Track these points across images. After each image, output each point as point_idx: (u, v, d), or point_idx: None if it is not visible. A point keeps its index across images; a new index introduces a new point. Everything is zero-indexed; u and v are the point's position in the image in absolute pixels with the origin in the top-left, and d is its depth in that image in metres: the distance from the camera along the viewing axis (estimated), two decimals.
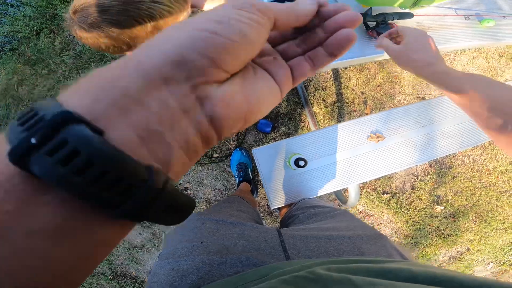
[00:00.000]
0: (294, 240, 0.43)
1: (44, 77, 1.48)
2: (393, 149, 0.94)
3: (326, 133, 0.92)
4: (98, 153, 0.10)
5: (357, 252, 0.41)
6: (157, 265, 0.41)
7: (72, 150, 0.10)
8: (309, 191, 0.88)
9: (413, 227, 1.47)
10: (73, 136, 0.10)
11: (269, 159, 0.90)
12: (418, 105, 0.96)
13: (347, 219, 0.55)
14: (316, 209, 0.68)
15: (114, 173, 0.10)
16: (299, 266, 0.29)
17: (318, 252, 0.40)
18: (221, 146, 1.45)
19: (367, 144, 0.94)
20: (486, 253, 1.50)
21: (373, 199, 1.43)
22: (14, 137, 0.10)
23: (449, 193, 1.44)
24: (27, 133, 0.10)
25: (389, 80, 1.38)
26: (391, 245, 0.43)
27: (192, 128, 0.14)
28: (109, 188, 0.11)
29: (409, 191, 1.42)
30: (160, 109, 0.12)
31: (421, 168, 1.42)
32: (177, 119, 0.13)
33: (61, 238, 0.11)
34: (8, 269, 0.10)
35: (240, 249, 0.40)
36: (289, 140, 0.90)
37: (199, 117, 0.14)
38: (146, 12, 0.48)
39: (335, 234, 0.44)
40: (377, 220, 1.47)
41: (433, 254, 1.49)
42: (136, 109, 0.12)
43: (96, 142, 0.10)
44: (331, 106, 1.38)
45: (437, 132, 0.95)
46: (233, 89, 0.15)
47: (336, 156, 0.92)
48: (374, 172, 0.92)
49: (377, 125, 0.95)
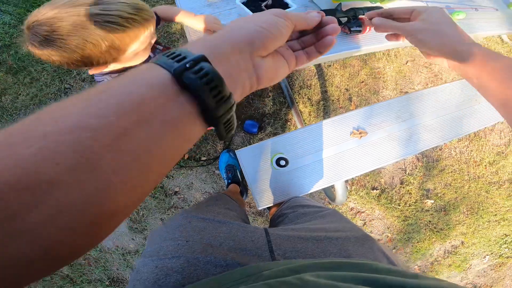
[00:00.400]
0: (281, 240, 0.44)
1: (27, 85, 1.46)
2: (376, 145, 0.94)
3: (309, 131, 0.92)
4: (216, 76, 0.19)
5: (344, 254, 0.41)
6: (140, 263, 0.40)
7: (205, 72, 0.18)
8: (296, 190, 0.88)
9: (405, 222, 1.47)
10: (205, 66, 0.19)
11: (254, 159, 0.90)
12: (399, 99, 0.96)
13: (336, 219, 0.56)
14: (306, 209, 0.68)
15: (219, 87, 0.19)
16: (286, 267, 0.31)
17: (304, 253, 0.41)
18: (209, 149, 1.44)
19: (350, 141, 0.94)
20: (481, 246, 1.49)
21: (363, 196, 1.42)
22: (170, 64, 0.19)
23: (438, 187, 1.44)
24: (182, 62, 0.18)
25: (372, 76, 1.38)
26: (378, 248, 0.44)
27: (247, 79, 0.23)
28: (215, 95, 0.19)
29: (398, 185, 1.42)
30: (236, 64, 0.22)
31: (408, 162, 1.42)
32: (242, 72, 0.23)
33: (177, 126, 0.18)
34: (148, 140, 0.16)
35: (226, 249, 0.41)
36: (273, 139, 0.90)
37: (252, 74, 0.24)
38: (97, 33, 0.47)
39: (323, 235, 0.45)
40: (369, 216, 1.47)
41: (428, 248, 1.48)
42: (225, 62, 0.21)
43: (215, 71, 0.19)
44: (316, 104, 1.38)
45: (419, 126, 0.95)
46: (269, 62, 0.25)
47: (321, 154, 0.92)
48: (359, 168, 0.91)
49: (359, 121, 0.95)
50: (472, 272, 1.49)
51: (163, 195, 1.42)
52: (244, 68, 0.23)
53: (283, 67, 0.27)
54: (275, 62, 0.26)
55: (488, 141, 1.49)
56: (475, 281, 1.49)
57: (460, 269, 1.47)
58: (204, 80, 0.18)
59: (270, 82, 0.26)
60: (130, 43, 0.52)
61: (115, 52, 0.52)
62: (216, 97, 0.19)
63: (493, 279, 1.49)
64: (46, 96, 1.46)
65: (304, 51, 0.30)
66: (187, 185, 1.44)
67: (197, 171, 1.43)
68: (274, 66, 0.26)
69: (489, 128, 1.49)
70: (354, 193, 1.43)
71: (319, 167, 0.92)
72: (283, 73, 0.27)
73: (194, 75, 0.18)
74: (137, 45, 0.54)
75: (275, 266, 0.32)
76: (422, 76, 1.47)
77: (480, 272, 1.50)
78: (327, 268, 0.31)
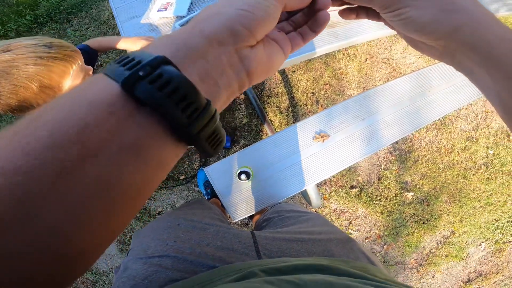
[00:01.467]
0: (267, 241, 0.45)
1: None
2: (339, 146, 0.95)
3: (274, 141, 0.93)
4: (182, 83, 0.15)
5: (327, 254, 0.43)
6: (127, 261, 0.40)
7: (166, 80, 0.14)
8: (269, 198, 0.88)
9: (390, 217, 1.47)
10: (166, 72, 0.14)
11: (224, 174, 0.90)
12: (355, 99, 0.98)
13: (320, 223, 0.57)
14: (290, 213, 0.70)
15: (190, 98, 0.15)
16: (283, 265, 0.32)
17: (289, 254, 0.42)
18: (186, 168, 1.44)
19: (314, 145, 0.95)
20: (472, 233, 1.48)
21: (343, 196, 1.43)
22: (120, 73, 0.14)
23: (415, 178, 1.45)
24: (134, 69, 0.14)
25: (336, 77, 1.42)
26: (359, 249, 0.46)
27: (234, 76, 0.19)
28: (185, 109, 0.15)
29: (376, 181, 1.43)
30: (215, 62, 0.17)
31: (382, 157, 1.44)
32: (225, 70, 0.18)
33: (139, 153, 0.14)
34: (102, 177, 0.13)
35: (214, 248, 0.41)
36: (239, 153, 0.91)
37: (240, 69, 0.19)
38: (21, 75, 0.48)
39: (307, 237, 0.46)
40: (353, 215, 1.47)
41: (419, 241, 1.47)
42: (200, 61, 0.17)
43: (181, 77, 0.15)
44: (285, 111, 1.40)
45: (379, 122, 0.96)
46: (260, 51, 0.20)
47: (287, 161, 0.93)
48: (327, 171, 0.92)
49: (321, 125, 0.97)
50: (472, 260, 1.47)
51: (147, 216, 1.41)
52: (228, 64, 0.18)
53: (278, 55, 0.23)
54: (268, 50, 0.22)
55: (455, 127, 1.52)
56: (478, 269, 1.46)
57: (458, 259, 1.45)
58: (166, 90, 0.14)
59: (265, 75, 0.22)
60: (61, 80, 0.53)
61: (50, 91, 0.53)
62: (186, 111, 0.15)
63: (496, 265, 1.47)
64: None
65: (297, 32, 0.25)
66: (169, 205, 1.43)
67: (178, 190, 1.43)
68: (267, 56, 0.21)
69: (454, 115, 1.52)
70: (334, 194, 1.43)
71: (287, 174, 0.92)
72: (279, 62, 0.23)
73: (150, 86, 0.14)
74: (70, 81, 0.55)
75: (266, 263, 0.33)
76: (382, 72, 1.51)
77: (481, 260, 1.47)
78: (319, 269, 0.32)
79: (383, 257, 1.46)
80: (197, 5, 0.94)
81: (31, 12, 1.77)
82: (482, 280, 1.43)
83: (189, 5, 0.92)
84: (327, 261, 0.36)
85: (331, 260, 0.38)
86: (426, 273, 1.44)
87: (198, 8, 0.93)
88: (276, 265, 0.32)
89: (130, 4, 0.97)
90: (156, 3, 0.93)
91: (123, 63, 0.15)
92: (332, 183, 1.42)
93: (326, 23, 0.24)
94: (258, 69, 0.20)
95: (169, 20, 0.91)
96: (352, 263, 0.38)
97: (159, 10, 0.91)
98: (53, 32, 1.90)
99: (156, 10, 0.91)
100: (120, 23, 0.93)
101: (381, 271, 0.38)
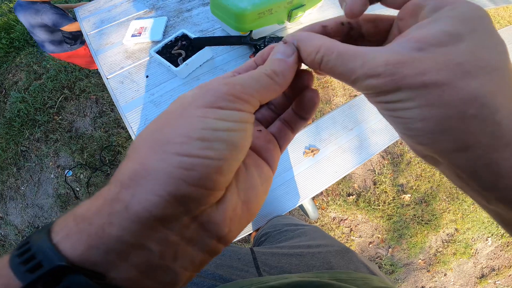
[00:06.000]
0: (266, 257, 0.45)
1: None
2: (330, 159, 0.93)
3: None
4: None
5: (326, 266, 0.42)
6: None
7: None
8: (265, 217, 0.86)
9: (390, 221, 1.45)
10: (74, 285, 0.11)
11: None
12: (341, 109, 0.97)
13: (318, 235, 0.57)
14: (288, 227, 0.69)
15: None
16: (282, 282, 0.30)
17: (289, 268, 0.42)
18: None
19: (305, 160, 0.93)
20: (477, 229, 1.46)
21: (341, 204, 1.40)
22: (20, 275, 0.11)
23: (411, 180, 1.44)
24: (34, 277, 0.11)
25: (321, 86, 1.41)
26: (358, 259, 0.45)
27: (198, 251, 0.14)
28: None
29: (372, 187, 1.41)
30: (161, 247, 0.12)
31: (375, 162, 1.43)
32: (181, 250, 0.13)
33: None
34: None
35: (213, 266, 0.41)
36: None
37: (205, 240, 0.14)
38: None
39: (305, 251, 0.46)
40: (353, 222, 1.44)
41: (424, 242, 1.45)
42: (135, 252, 0.12)
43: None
44: None
45: (367, 131, 0.95)
46: (231, 202, 0.14)
47: (281, 179, 0.91)
48: (321, 185, 0.90)
49: (310, 139, 0.95)
50: (481, 256, 1.45)
51: None
52: (183, 242, 0.13)
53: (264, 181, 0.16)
54: (245, 184, 0.15)
55: None
56: (490, 264, 1.43)
57: (467, 255, 1.43)
58: None
59: (250, 220, 0.16)
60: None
61: None
62: None
63: (508, 259, 1.44)
64: (5, 161, 1.40)
65: (282, 120, 0.19)
66: None
67: None
68: (246, 196, 0.15)
69: None
70: (332, 203, 1.40)
71: (281, 192, 0.90)
72: (266, 188, 0.16)
73: None
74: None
75: (266, 280, 0.32)
76: None
77: (491, 254, 1.45)
78: (321, 286, 0.31)
79: (389, 260, 1.43)
80: (172, 28, 0.92)
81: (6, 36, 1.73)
82: (497, 275, 1.41)
83: (163, 28, 0.90)
84: (327, 274, 0.36)
85: (331, 273, 0.37)
86: (437, 272, 1.41)
87: (174, 31, 0.90)
88: (277, 282, 0.32)
89: (103, 30, 0.95)
90: (129, 28, 0.91)
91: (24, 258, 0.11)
92: (329, 193, 1.40)
93: (316, 106, 0.18)
94: (234, 226, 0.14)
95: (145, 45, 0.89)
96: (353, 274, 0.37)
97: (133, 35, 0.89)
98: (31, 56, 1.86)
99: (129, 35, 0.89)
100: (93, 50, 0.90)
101: (382, 280, 0.37)
